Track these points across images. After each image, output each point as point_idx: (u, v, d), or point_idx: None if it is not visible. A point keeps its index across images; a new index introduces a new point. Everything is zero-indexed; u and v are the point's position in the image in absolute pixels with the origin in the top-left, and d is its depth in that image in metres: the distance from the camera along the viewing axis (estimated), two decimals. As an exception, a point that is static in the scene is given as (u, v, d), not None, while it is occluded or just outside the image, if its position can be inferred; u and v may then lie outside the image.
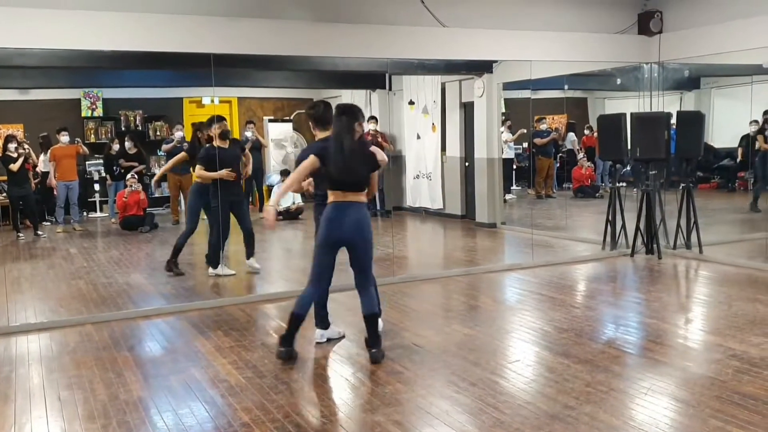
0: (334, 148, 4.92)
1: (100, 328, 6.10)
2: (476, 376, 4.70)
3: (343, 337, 5.60)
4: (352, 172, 4.93)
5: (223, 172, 7.71)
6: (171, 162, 9.39)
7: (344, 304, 6.22)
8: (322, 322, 5.53)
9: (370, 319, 5.06)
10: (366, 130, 12.78)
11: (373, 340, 5.08)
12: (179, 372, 4.94)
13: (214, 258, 8.12)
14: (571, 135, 14.12)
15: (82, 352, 5.48)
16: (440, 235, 11.79)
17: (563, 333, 5.62)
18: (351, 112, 5.03)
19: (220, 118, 7.95)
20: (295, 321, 5.03)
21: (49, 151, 12.11)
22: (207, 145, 8.09)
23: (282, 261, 9.73)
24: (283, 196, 5.65)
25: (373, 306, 5.11)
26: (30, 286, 7.96)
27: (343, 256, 5.09)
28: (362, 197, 5.04)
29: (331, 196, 5.01)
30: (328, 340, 5.52)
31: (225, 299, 7.01)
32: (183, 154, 9.07)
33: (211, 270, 8.15)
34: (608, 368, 4.76)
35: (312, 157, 4.96)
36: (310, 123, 5.46)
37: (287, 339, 5.06)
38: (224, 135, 7.88)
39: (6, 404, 4.45)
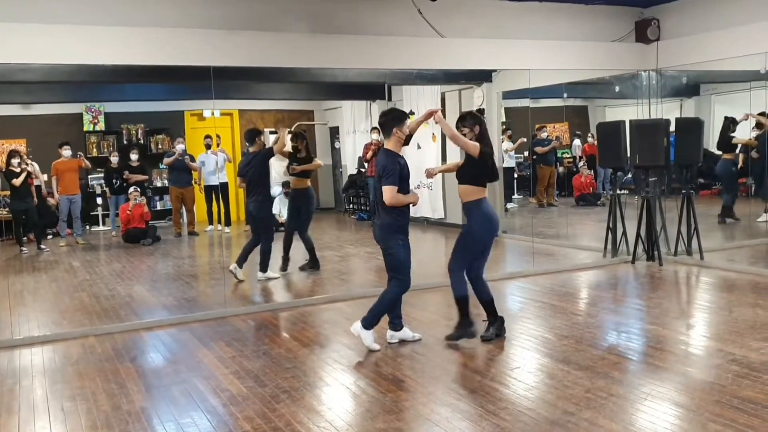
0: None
1: (102, 340, 6.13)
2: (477, 383, 4.73)
3: (419, 339, 5.78)
4: None
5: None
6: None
7: (344, 313, 6.24)
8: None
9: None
10: (370, 141, 12.85)
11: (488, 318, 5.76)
12: (181, 382, 4.97)
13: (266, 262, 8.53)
14: (577, 141, 14.15)
15: (85, 363, 5.51)
16: (441, 245, 11.78)
17: (564, 340, 5.63)
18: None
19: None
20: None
21: (52, 165, 12.19)
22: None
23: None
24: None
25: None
26: (33, 299, 8.00)
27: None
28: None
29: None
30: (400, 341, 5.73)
31: (227, 310, 7.03)
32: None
33: (260, 274, 8.48)
34: (608, 374, 4.78)
35: None
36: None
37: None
38: None
39: (10, 416, 4.48)
